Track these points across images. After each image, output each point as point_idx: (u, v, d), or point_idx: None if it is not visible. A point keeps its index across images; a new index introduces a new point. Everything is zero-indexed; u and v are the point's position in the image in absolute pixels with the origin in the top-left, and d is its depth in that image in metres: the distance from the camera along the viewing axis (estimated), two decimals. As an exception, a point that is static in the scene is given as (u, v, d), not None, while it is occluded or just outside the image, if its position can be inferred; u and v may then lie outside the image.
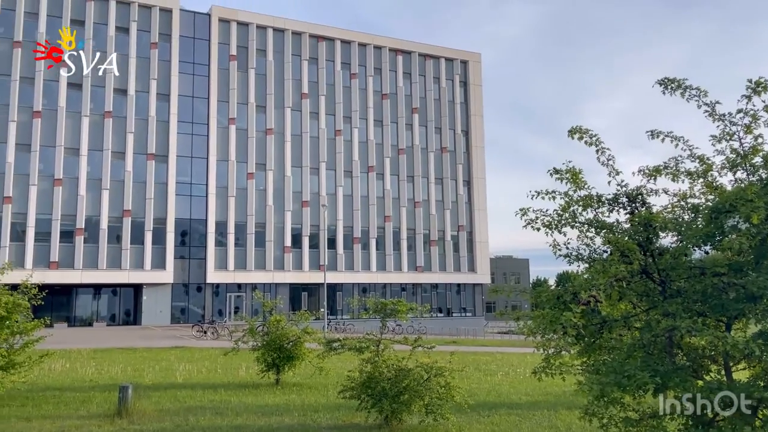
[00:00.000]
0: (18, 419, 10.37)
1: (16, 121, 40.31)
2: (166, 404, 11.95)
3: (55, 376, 16.15)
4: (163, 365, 18.85)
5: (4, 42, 40.99)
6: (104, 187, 42.01)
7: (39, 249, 39.98)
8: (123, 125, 43.26)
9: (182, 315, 44.68)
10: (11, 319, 12.63)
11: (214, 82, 46.87)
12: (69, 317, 42.86)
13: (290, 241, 47.49)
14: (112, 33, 43.72)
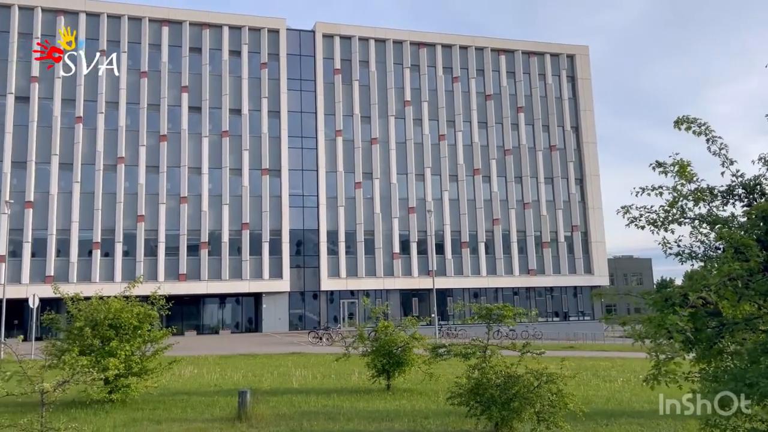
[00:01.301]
0: (150, 422, 11.18)
1: (145, 145, 43.81)
2: (282, 409, 12.42)
3: (184, 381, 17.26)
4: (281, 371, 19.62)
5: (133, 73, 44.70)
6: (224, 202, 44.60)
7: (169, 262, 43.10)
8: (239, 143, 45.76)
9: (300, 322, 46.38)
10: (143, 329, 13.70)
11: (321, 97, 48.44)
12: (198, 326, 45.82)
13: (399, 247, 47.95)
14: (226, 57, 46.43)
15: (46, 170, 41.93)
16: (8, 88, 41.84)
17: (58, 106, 42.64)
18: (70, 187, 42.10)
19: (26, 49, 42.85)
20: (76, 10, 43.91)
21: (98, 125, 43.15)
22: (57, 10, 43.60)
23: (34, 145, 41.66)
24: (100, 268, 41.64)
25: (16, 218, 40.25)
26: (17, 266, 40.14)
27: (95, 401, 12.81)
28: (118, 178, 42.92)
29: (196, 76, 45.84)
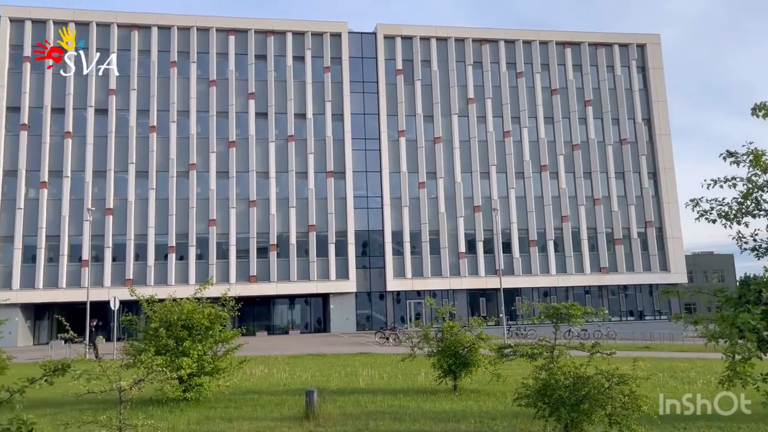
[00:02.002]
0: (221, 420, 11.48)
1: (215, 152, 45.26)
2: (349, 408, 12.49)
3: (255, 381, 17.66)
4: (348, 371, 19.77)
5: (202, 82, 46.28)
6: (291, 205, 45.50)
7: (240, 265, 44.35)
8: (304, 147, 46.59)
9: (367, 322, 46.72)
10: (214, 329, 14.10)
11: (383, 98, 48.64)
12: (269, 326, 46.95)
13: (464, 247, 47.55)
14: (290, 63, 47.35)
15: (123, 178, 44.00)
16: (88, 102, 44.18)
17: (133, 117, 44.68)
18: (146, 194, 44.02)
19: (103, 64, 45.03)
20: (149, 24, 45.85)
21: (171, 134, 44.91)
22: (131, 25, 45.66)
23: (113, 154, 43.80)
24: (175, 271, 43.31)
25: (97, 225, 42.42)
26: (99, 270, 42.30)
27: (171, 399, 13.29)
28: (191, 184, 44.53)
29: (261, 82, 47.00)
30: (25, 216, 42.13)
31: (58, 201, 42.88)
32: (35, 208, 42.40)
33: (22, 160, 42.67)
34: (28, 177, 42.84)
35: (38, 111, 43.70)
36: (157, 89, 45.18)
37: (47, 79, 43.92)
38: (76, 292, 40.64)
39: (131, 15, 46.02)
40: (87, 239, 42.14)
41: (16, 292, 40.04)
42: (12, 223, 41.90)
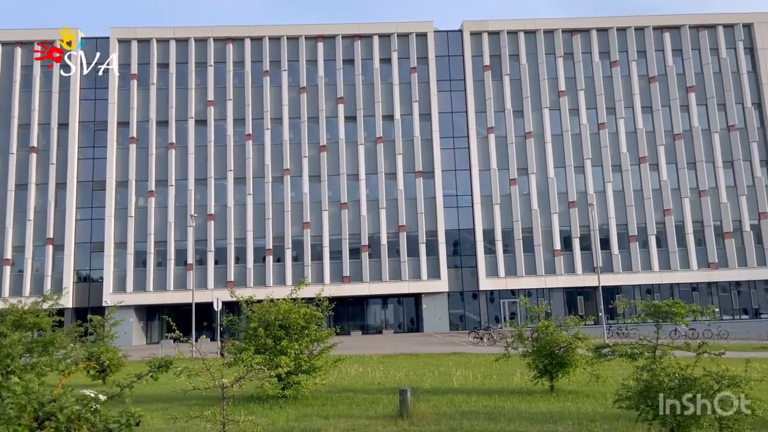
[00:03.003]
0: (318, 417, 11.76)
1: (307, 156, 46.53)
2: (443, 408, 12.45)
3: (350, 379, 17.97)
4: (442, 370, 19.71)
5: (293, 90, 47.72)
6: (381, 206, 45.98)
7: (333, 265, 45.33)
8: (392, 148, 46.95)
9: (460, 322, 46.39)
10: (310, 329, 14.49)
11: (471, 95, 48.14)
12: (363, 326, 47.67)
13: (560, 244, 46.18)
14: (377, 65, 47.88)
15: (223, 185, 46.13)
16: (189, 113, 46.70)
17: (230, 126, 46.75)
18: (244, 200, 45.93)
19: (202, 77, 47.55)
20: (242, 37, 47.82)
21: (265, 141, 46.62)
22: (225, 38, 47.82)
23: (212, 163, 46.05)
24: (273, 273, 44.89)
25: (200, 230, 44.74)
26: (203, 273, 44.57)
27: (270, 396, 13.79)
28: (285, 188, 46.03)
29: (350, 86, 47.82)
30: (136, 223, 45.13)
31: (165, 208, 45.60)
32: (144, 216, 45.33)
33: (132, 171, 45.74)
34: (138, 187, 45.86)
35: (144, 125, 46.68)
36: (251, 98, 47.07)
37: (152, 94, 46.84)
38: (182, 294, 43.05)
39: (225, 29, 48.18)
40: (191, 244, 44.56)
41: (129, 295, 42.96)
42: (125, 230, 45.02)
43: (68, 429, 2.81)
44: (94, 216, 45.93)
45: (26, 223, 44.81)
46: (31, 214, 45.00)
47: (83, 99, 47.16)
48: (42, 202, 45.59)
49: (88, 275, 46.03)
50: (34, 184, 45.51)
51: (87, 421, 2.84)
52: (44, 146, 46.28)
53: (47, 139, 46.36)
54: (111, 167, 45.70)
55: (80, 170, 46.29)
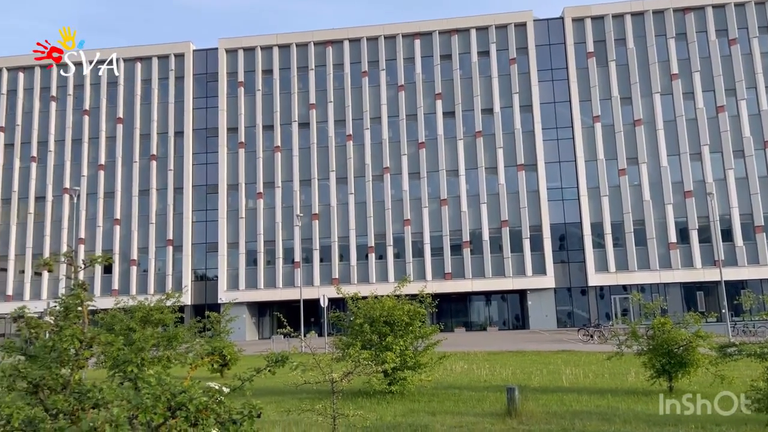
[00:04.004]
0: (425, 413, 11.81)
1: (406, 154, 46.79)
2: (552, 407, 12.12)
3: (455, 376, 17.90)
4: (550, 368, 19.18)
5: (391, 88, 48.14)
6: (482, 201, 45.39)
7: (435, 262, 45.31)
8: (492, 142, 46.21)
9: (568, 319, 44.92)
10: (414, 325, 14.58)
11: (574, 84, 46.42)
12: (466, 322, 47.31)
13: (675, 236, 43.53)
14: (475, 59, 47.30)
15: (326, 185, 47.37)
16: (292, 117, 48.35)
17: (331, 127, 47.91)
18: (346, 199, 46.93)
19: (304, 81, 49.07)
20: (341, 39, 48.85)
21: (365, 140, 47.37)
22: (325, 41, 49.04)
23: (315, 164, 47.41)
24: (375, 270, 45.55)
25: (305, 229, 46.22)
26: (309, 271, 46.01)
27: (377, 392, 14.00)
28: (385, 186, 46.55)
29: (447, 82, 47.57)
30: (246, 224, 47.36)
31: (272, 209, 47.50)
32: (254, 217, 47.47)
33: (241, 174, 48.02)
34: (247, 189, 48.09)
35: (252, 129, 48.85)
36: (351, 99, 48.00)
37: (258, 100, 48.91)
38: (290, 291, 44.68)
39: (325, 32, 49.42)
40: (298, 243, 46.14)
41: (242, 292, 45.16)
42: (236, 231, 47.37)
43: (196, 418, 2.98)
44: (208, 218, 48.66)
45: (149, 226, 48.25)
46: (153, 217, 48.39)
47: (196, 108, 50.07)
48: (162, 206, 48.89)
49: (204, 274, 48.85)
50: (155, 190, 48.88)
51: (213, 412, 2.99)
52: (162, 154, 49.59)
53: (165, 147, 49.64)
54: (222, 171, 48.23)
55: (195, 175, 49.19)
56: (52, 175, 49.72)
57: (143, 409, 2.78)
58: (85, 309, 3.32)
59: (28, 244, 48.84)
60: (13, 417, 2.73)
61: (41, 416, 2.90)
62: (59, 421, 2.92)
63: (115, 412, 2.49)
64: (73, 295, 3.33)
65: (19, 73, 51.29)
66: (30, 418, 2.85)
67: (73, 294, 3.34)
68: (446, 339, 16.64)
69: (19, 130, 50.69)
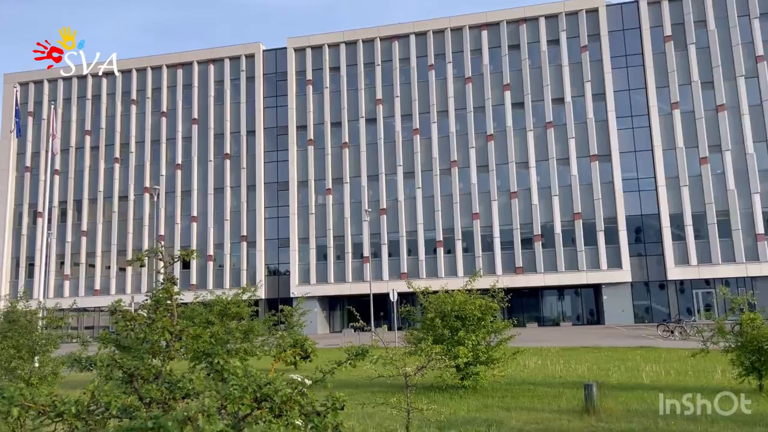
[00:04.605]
0: (499, 409, 11.64)
1: (474, 147, 46.30)
2: (632, 405, 11.70)
3: (529, 372, 17.57)
4: (629, 365, 18.54)
5: (458, 81, 47.71)
6: (554, 193, 44.34)
7: (505, 256, 44.66)
8: (564, 132, 45.03)
9: (646, 314, 43.32)
10: (486, 320, 14.40)
11: (650, 69, 44.56)
12: (538, 317, 46.43)
13: (763, 227, 41.12)
14: (545, 48, 46.21)
15: (393, 180, 47.53)
16: (359, 113, 48.73)
17: (398, 122, 48.00)
18: (413, 193, 46.94)
19: (371, 77, 49.35)
20: (407, 33, 48.80)
21: (432, 134, 47.19)
22: (391, 37, 49.11)
23: (383, 159, 47.64)
24: (444, 264, 45.36)
25: (374, 224, 46.54)
26: (378, 265, 46.33)
27: (449, 386, 13.92)
28: (453, 180, 46.24)
29: (516, 72, 46.70)
30: (316, 220, 48.19)
31: (341, 205, 48.10)
32: (323, 213, 48.24)
33: (311, 171, 48.87)
34: (316, 186, 48.90)
35: (320, 127, 49.60)
36: (417, 94, 47.92)
37: (326, 97, 49.60)
38: (360, 285, 45.16)
39: (391, 27, 49.49)
40: (366, 237, 46.54)
41: (313, 286, 46.00)
42: (307, 227, 48.29)
43: (281, 410, 3.03)
44: (279, 214, 49.82)
45: (224, 223, 49.89)
46: (227, 214, 50.00)
47: (266, 107, 51.30)
48: (236, 204, 50.43)
49: (277, 269, 50.08)
50: (229, 188, 50.46)
51: (297, 404, 3.03)
52: (235, 152, 51.10)
53: (238, 146, 51.13)
54: (292, 168, 49.23)
55: (266, 173, 50.44)
56: (133, 175, 52.19)
57: (231, 400, 2.85)
58: (174, 303, 3.45)
59: (113, 242, 51.50)
60: (111, 404, 2.87)
61: (136, 404, 3.03)
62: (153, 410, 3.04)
63: (207, 402, 2.57)
64: (163, 289, 3.47)
65: (102, 79, 54.01)
66: (126, 406, 2.99)
67: (163, 288, 3.48)
68: (519, 334, 16.37)
69: (103, 133, 53.47)
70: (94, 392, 2.89)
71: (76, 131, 53.97)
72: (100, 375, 3.24)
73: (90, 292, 50.89)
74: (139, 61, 53.51)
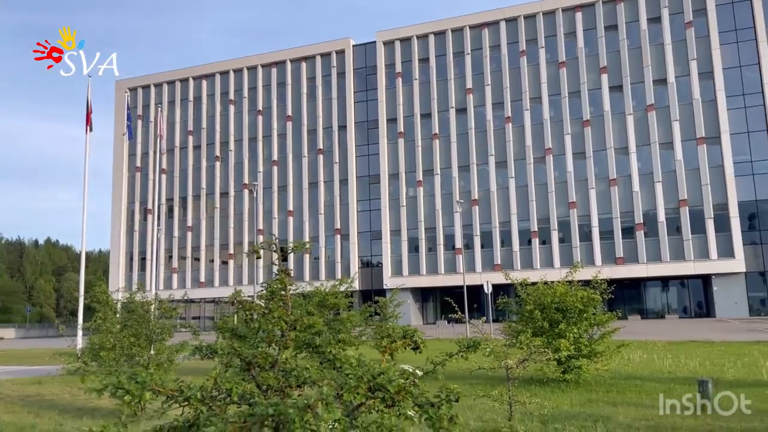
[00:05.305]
0: (605, 404, 11.21)
1: (570, 133, 44.76)
2: (755, 403, 10.91)
3: (634, 366, 16.83)
4: (745, 360, 17.34)
5: (551, 66, 46.22)
6: (656, 180, 42.12)
7: (605, 246, 42.94)
8: (667, 115, 42.63)
9: (762, 306, 40.39)
10: (588, 312, 13.91)
11: (763, 44, 41.30)
12: (641, 310, 44.37)
13: None
14: (644, 27, 43.90)
15: (485, 170, 46.85)
16: (449, 103, 48.35)
17: (489, 111, 47.22)
18: (506, 183, 46.06)
19: (460, 66, 48.81)
20: (497, 20, 47.84)
21: (525, 122, 46.07)
22: (480, 24, 48.31)
23: (474, 149, 47.05)
24: (540, 255, 44.25)
25: (465, 215, 46.12)
26: (471, 257, 45.89)
27: (550, 380, 13.56)
28: (547, 168, 44.96)
29: (613, 54, 44.66)
30: (408, 212, 48.37)
31: (432, 196, 48.00)
32: (414, 205, 48.34)
33: (401, 163, 49.07)
34: (407, 178, 49.05)
35: (410, 119, 49.66)
36: (509, 81, 46.90)
37: (415, 89, 49.57)
38: (452, 277, 44.94)
39: (480, 15, 48.67)
40: (458, 229, 46.20)
41: (405, 278, 46.26)
42: (398, 219, 48.59)
43: (393, 400, 3.02)
44: (371, 207, 50.42)
45: (318, 217, 51.15)
46: (321, 208, 51.22)
47: (357, 102, 51.97)
48: (329, 197, 51.54)
49: (369, 261, 50.76)
50: (322, 182, 51.64)
51: (410, 394, 3.02)
52: (328, 147, 52.18)
53: (330, 141, 52.19)
54: (383, 162, 49.64)
55: (358, 166, 51.17)
56: (233, 173, 54.52)
57: (347, 389, 2.87)
58: (288, 293, 3.53)
59: (216, 236, 54.11)
60: (233, 391, 2.97)
61: (255, 392, 3.13)
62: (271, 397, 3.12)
63: (325, 390, 2.60)
64: (277, 280, 3.56)
65: (202, 81, 56.71)
66: (245, 393, 3.08)
67: (277, 279, 3.57)
68: (625, 326, 15.69)
69: (204, 133, 56.17)
70: (216, 379, 3.01)
71: (179, 132, 57.02)
72: (221, 363, 3.38)
73: (195, 284, 53.74)
74: (236, 62, 55.74)
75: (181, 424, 2.89)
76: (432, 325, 42.61)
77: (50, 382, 14.95)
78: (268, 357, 3.32)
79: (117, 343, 10.91)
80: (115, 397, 2.81)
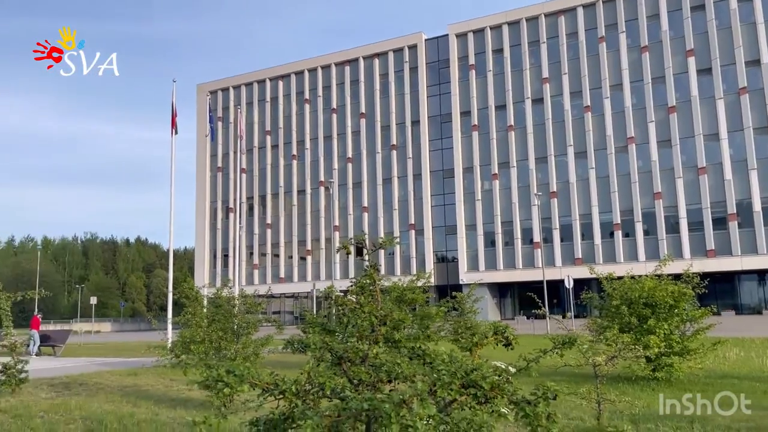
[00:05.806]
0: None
1: (654, 121, 42.84)
2: None
3: (730, 364, 15.92)
4: None
5: (633, 51, 44.35)
6: (751, 167, 39.68)
7: (693, 238, 40.87)
8: (761, 98, 40.06)
9: None
10: (679, 307, 13.25)
11: None
12: (735, 305, 41.96)
13: None
14: (734, 6, 41.47)
15: (563, 161, 45.58)
16: (525, 94, 47.32)
17: (567, 101, 45.87)
18: (586, 174, 44.64)
19: (536, 56, 47.61)
20: (574, 6, 46.37)
21: (605, 110, 44.47)
22: (556, 12, 46.94)
23: (551, 140, 45.87)
24: (623, 248, 42.65)
25: (544, 208, 45.05)
26: (550, 251, 44.80)
27: (639, 378, 13.03)
28: (630, 158, 43.23)
29: (701, 35, 42.35)
30: (483, 206, 47.77)
31: (508, 189, 47.18)
32: (490, 198, 47.67)
33: (476, 156, 48.50)
34: (482, 171, 48.43)
35: (484, 111, 48.97)
36: (587, 68, 45.39)
37: (489, 81, 48.84)
38: (530, 271, 44.03)
39: (556, 2, 47.32)
40: (536, 222, 45.20)
41: (482, 273, 45.73)
42: (473, 213, 48.07)
43: (487, 397, 2.95)
44: (446, 201, 50.14)
45: (392, 212, 51.37)
46: (395, 203, 51.41)
47: (429, 96, 51.78)
48: (403, 193, 51.65)
49: (444, 256, 50.52)
50: (396, 178, 51.80)
51: (504, 391, 2.94)
52: (401, 143, 52.28)
53: (403, 137, 52.26)
54: (457, 155, 49.23)
55: (431, 161, 50.98)
56: (309, 170, 55.61)
57: (441, 385, 2.83)
58: (377, 288, 3.52)
59: (294, 233, 55.40)
60: (326, 385, 2.99)
61: (347, 386, 3.14)
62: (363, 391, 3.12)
63: (419, 386, 2.57)
64: (367, 276, 3.56)
65: (279, 82, 58.10)
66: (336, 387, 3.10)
67: (366, 275, 3.57)
68: (721, 323, 14.86)
69: (281, 132, 57.57)
70: (309, 373, 3.04)
71: (257, 132, 58.69)
72: (314, 357, 3.42)
73: (275, 279, 55.24)
74: (310, 62, 56.76)
75: (277, 417, 2.94)
76: (511, 321, 41.91)
77: (145, 373, 15.74)
78: (359, 351, 3.33)
79: (206, 336, 11.34)
80: (214, 390, 2.89)
